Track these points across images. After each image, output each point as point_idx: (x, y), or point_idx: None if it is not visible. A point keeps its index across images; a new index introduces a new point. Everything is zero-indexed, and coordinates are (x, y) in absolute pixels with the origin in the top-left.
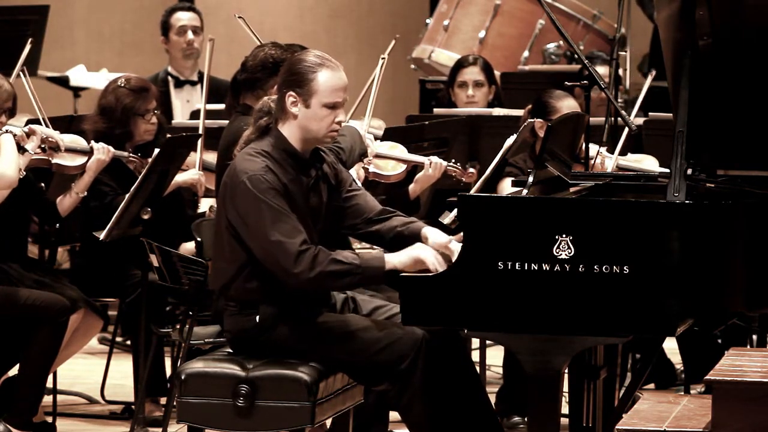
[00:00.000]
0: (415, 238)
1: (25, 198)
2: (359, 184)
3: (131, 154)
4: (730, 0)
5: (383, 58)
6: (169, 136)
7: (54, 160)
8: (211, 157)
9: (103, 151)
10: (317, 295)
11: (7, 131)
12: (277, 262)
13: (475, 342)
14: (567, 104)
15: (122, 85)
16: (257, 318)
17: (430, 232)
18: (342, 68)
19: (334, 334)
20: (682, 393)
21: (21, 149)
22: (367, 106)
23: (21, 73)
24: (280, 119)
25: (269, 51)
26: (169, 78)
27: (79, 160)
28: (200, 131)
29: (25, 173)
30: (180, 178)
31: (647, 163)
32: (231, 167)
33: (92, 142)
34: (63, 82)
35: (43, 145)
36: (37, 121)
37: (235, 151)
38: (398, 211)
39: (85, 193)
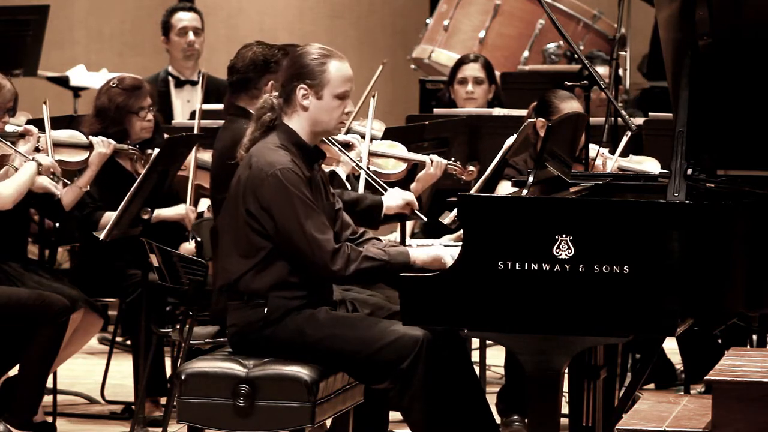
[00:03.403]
0: None
1: (25, 197)
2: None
3: (131, 147)
4: (730, 0)
5: (376, 84)
6: (167, 136)
7: (56, 157)
8: (209, 157)
9: (103, 144)
10: (326, 292)
11: (33, 159)
12: (312, 257)
13: (475, 342)
14: (570, 106)
15: (114, 85)
16: (265, 310)
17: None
18: (346, 59)
19: (338, 330)
20: (682, 393)
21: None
22: (368, 112)
23: None
24: (287, 114)
25: (256, 49)
26: (170, 78)
27: (80, 156)
28: (196, 132)
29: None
30: (166, 213)
31: (649, 165)
32: (251, 161)
33: (91, 136)
34: (63, 82)
35: (38, 146)
36: (37, 122)
37: (240, 149)
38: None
39: (88, 187)
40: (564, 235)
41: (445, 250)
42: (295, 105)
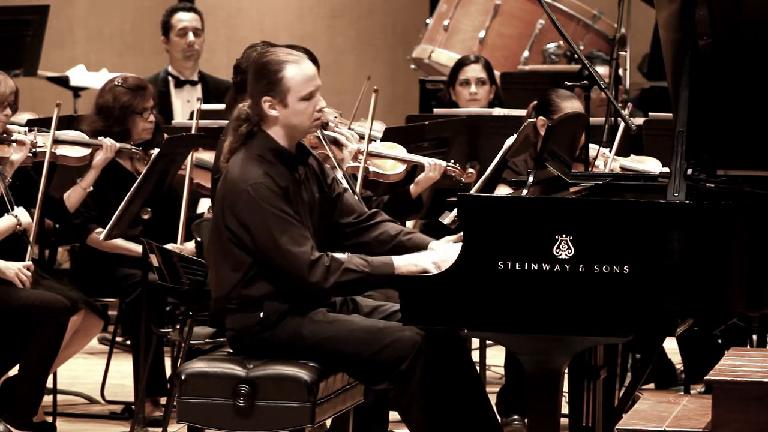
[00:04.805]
0: (421, 250)
1: (25, 198)
2: (345, 184)
3: (134, 147)
4: (730, 0)
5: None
6: (167, 136)
7: (58, 152)
8: (209, 157)
9: (107, 148)
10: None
11: (16, 216)
12: (289, 271)
13: (475, 342)
14: (571, 105)
15: (119, 84)
16: (261, 314)
17: (438, 246)
18: (305, 57)
19: (336, 332)
20: (682, 393)
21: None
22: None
23: None
24: (263, 122)
25: (261, 50)
26: (170, 78)
27: (81, 152)
28: (194, 131)
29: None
30: None
31: (650, 164)
32: (227, 176)
33: (100, 137)
34: (63, 82)
35: (34, 150)
36: (37, 121)
37: (221, 161)
38: (401, 211)
39: (91, 188)
40: (564, 235)
41: (431, 258)
42: (266, 116)
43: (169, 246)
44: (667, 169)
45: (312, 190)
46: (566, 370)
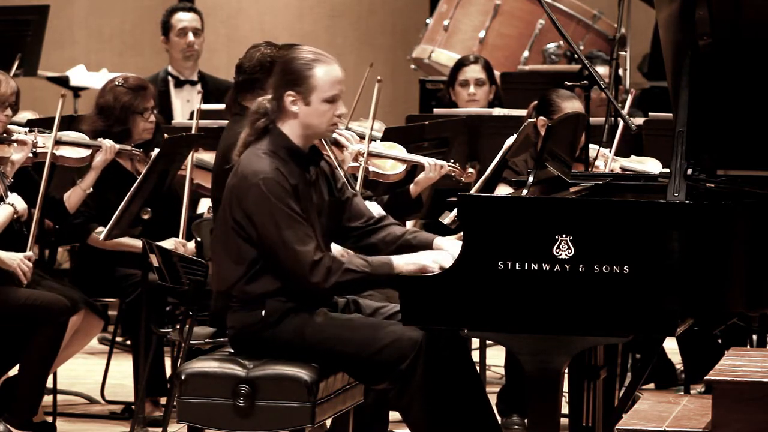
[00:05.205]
0: (426, 247)
1: (26, 198)
2: (349, 187)
3: (134, 148)
4: (730, 0)
5: (379, 80)
6: (167, 136)
7: (58, 153)
8: (209, 157)
9: (106, 150)
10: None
11: (11, 205)
12: (292, 268)
13: (475, 342)
14: (572, 105)
15: (120, 84)
16: (263, 313)
17: (443, 243)
18: (335, 60)
19: (337, 332)
20: (682, 393)
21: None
22: (369, 114)
23: None
24: (279, 119)
25: (265, 50)
26: (169, 78)
27: (81, 153)
28: (193, 131)
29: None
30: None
31: (650, 164)
32: (238, 169)
33: (100, 139)
34: (63, 82)
35: (35, 150)
36: (38, 121)
37: (234, 154)
38: (401, 211)
39: (91, 189)
40: (564, 235)
41: (430, 256)
42: (286, 111)
43: (172, 239)
44: (667, 169)
45: (322, 192)
46: (566, 370)
